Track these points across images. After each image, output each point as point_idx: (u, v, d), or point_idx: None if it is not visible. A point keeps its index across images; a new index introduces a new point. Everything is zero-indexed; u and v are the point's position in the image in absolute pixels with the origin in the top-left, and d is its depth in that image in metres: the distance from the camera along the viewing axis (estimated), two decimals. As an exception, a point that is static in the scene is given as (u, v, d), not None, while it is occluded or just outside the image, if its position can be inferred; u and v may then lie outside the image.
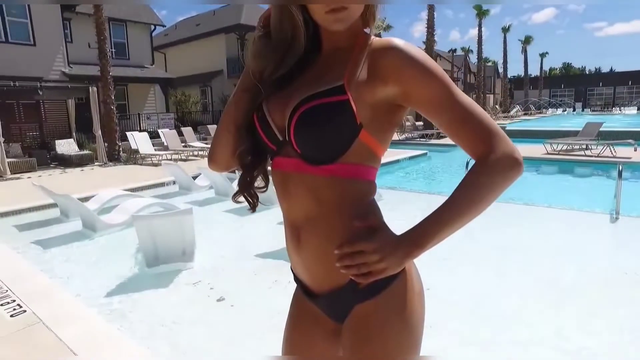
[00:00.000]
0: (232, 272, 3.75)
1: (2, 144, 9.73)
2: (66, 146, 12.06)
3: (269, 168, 0.92)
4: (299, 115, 0.78)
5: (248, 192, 0.93)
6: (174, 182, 7.63)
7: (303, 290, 0.94)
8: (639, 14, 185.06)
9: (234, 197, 0.97)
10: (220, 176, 6.74)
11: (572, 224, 4.96)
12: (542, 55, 45.59)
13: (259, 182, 0.94)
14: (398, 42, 0.78)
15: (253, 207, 0.97)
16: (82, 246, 4.57)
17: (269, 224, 5.09)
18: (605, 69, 74.51)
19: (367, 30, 0.85)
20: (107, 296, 3.24)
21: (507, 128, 17.00)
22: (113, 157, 12.09)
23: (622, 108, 40.10)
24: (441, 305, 2.74)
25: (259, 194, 0.96)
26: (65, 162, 11.34)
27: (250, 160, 0.90)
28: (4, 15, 14.36)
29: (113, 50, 17.21)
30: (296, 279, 0.97)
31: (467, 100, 0.78)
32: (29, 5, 14.71)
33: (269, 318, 2.68)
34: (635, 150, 9.83)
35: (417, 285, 0.86)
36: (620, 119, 24.04)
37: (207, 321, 2.87)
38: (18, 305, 2.82)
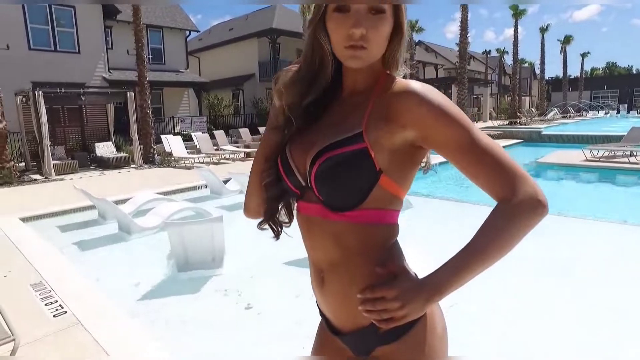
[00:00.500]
0: (259, 280, 3.81)
1: (49, 147, 10.29)
2: (105, 149, 12.61)
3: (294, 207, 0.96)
4: (319, 165, 0.79)
5: (272, 221, 0.96)
6: (206, 186, 7.83)
7: (327, 325, 0.95)
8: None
9: (260, 225, 1.00)
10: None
11: (614, 238, 4.72)
12: (584, 55, 43.76)
13: (283, 217, 0.97)
14: (415, 85, 0.78)
15: (277, 235, 0.99)
16: (118, 248, 4.76)
17: (296, 232, 5.13)
18: (653, 69, 70.50)
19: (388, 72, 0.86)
20: (140, 299, 3.37)
21: (543, 132, 16.42)
22: (148, 160, 12.53)
23: (671, 111, 37.82)
24: (470, 324, 2.68)
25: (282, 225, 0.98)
26: (104, 164, 11.85)
27: (275, 193, 0.92)
28: (53, 26, 15.24)
29: (150, 56, 17.87)
30: (321, 313, 0.98)
31: (488, 141, 0.77)
32: (75, 15, 15.53)
33: (295, 327, 2.70)
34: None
35: (440, 327, 0.85)
36: (668, 123, 22.69)
37: (235, 327, 2.93)
38: (60, 305, 2.98)
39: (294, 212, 0.95)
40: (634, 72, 71.52)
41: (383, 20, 0.78)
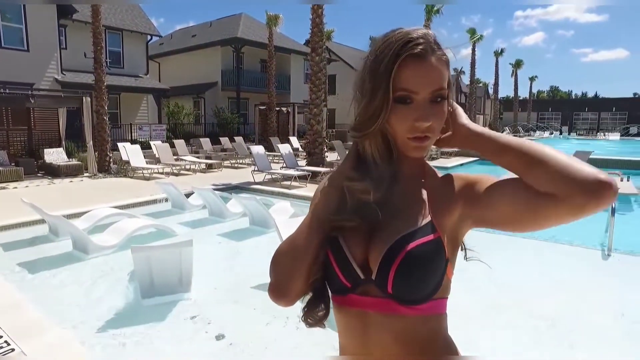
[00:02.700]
0: (229, 305, 3.66)
1: (-11, 152, 9.51)
2: (55, 155, 11.85)
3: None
4: (404, 256, 0.74)
5: (312, 318, 0.86)
6: (167, 200, 7.51)
7: None
8: (622, 43, 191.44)
9: (305, 321, 0.87)
10: (214, 196, 6.66)
11: (563, 259, 4.96)
12: (532, 78, 46.62)
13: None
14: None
15: (312, 326, 0.89)
16: (73, 270, 4.43)
17: (265, 250, 5.02)
18: (590, 94, 76.49)
19: None
20: (99, 330, 3.12)
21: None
22: (103, 169, 11.90)
23: (605, 133, 41.14)
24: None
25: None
26: (54, 171, 11.11)
27: (320, 288, 0.85)
28: (-2, 21, 14.22)
29: (108, 59, 17.13)
30: None
31: None
32: (25, 10, 14.59)
33: (267, 357, 2.60)
34: (622, 180, 10.03)
35: None
36: (604, 145, 24.57)
37: (205, 362, 2.78)
38: (6, 342, 2.69)
39: (331, 307, 0.86)
40: (573, 96, 77.32)
41: (445, 107, 0.77)
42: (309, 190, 8.89)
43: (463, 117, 0.82)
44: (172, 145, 14.22)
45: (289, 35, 27.66)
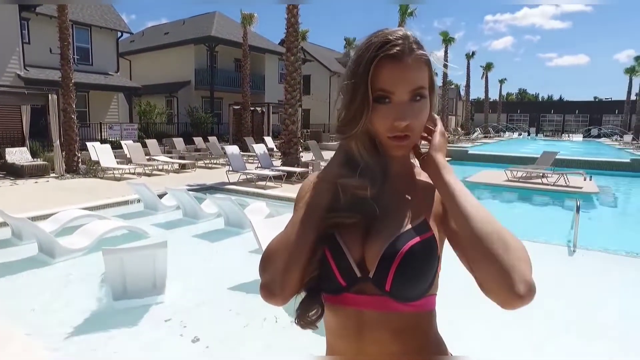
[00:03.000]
0: (205, 307, 3.60)
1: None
2: (18, 155, 11.34)
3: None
4: (404, 254, 0.75)
5: (306, 319, 0.84)
6: (139, 201, 7.33)
7: None
8: (583, 49, 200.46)
9: (299, 323, 0.85)
10: (188, 197, 6.54)
11: (531, 255, 5.13)
12: (501, 81, 48.04)
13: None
14: None
15: (305, 327, 0.87)
16: (39, 275, 4.25)
17: (241, 250, 4.98)
18: (556, 97, 79.54)
19: None
20: (68, 337, 3.01)
21: (470, 152, 17.68)
22: (71, 169, 11.48)
23: (570, 135, 42.94)
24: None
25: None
26: (17, 172, 10.63)
27: (314, 288, 0.83)
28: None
29: (76, 56, 16.55)
30: None
31: None
32: (-17, 3, 13.90)
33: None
34: (585, 180, 10.49)
35: None
36: (569, 146, 25.61)
37: (180, 365, 2.73)
38: (-32, 350, 2.57)
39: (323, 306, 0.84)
40: (540, 99, 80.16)
41: (424, 106, 0.79)
42: (285, 190, 8.87)
43: (436, 147, 0.82)
44: (144, 145, 13.88)
45: (263, 34, 27.52)
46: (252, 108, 20.54)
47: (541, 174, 11.01)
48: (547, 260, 5.00)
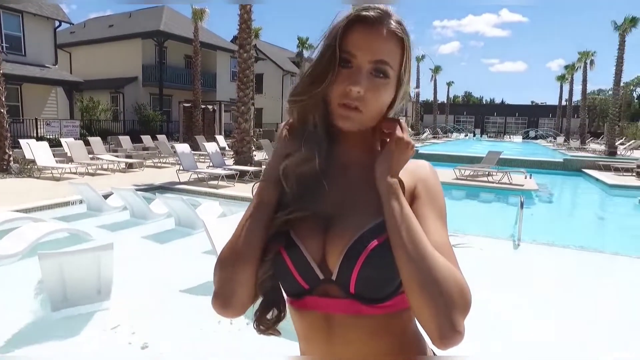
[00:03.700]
0: (155, 312, 3.42)
1: None
2: (-61, 153, 10.26)
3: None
4: (368, 254, 0.69)
5: (265, 324, 0.77)
6: (82, 202, 6.86)
7: None
8: (522, 57, 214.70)
9: (258, 327, 0.78)
10: (136, 197, 6.22)
11: (479, 250, 5.37)
12: (449, 84, 50.20)
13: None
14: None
15: (264, 333, 0.80)
16: (-36, 283, 3.84)
17: (193, 252, 4.80)
18: (497, 100, 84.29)
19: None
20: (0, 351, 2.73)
21: (420, 151, 18.27)
22: (1, 168, 10.54)
23: (511, 136, 45.73)
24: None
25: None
26: (-62, 172, 9.62)
27: (271, 290, 0.75)
28: None
29: (4, 44, 15.28)
30: None
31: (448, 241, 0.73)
32: None
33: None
34: (526, 178, 11.19)
35: None
36: (510, 146, 27.18)
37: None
38: None
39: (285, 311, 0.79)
40: (484, 102, 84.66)
41: (385, 86, 0.72)
42: (238, 189, 8.69)
43: (384, 161, 0.73)
44: (87, 143, 13.06)
45: (215, 31, 26.87)
46: (203, 106, 19.98)
47: (487, 172, 11.63)
48: (494, 253, 5.25)
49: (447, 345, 0.64)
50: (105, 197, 6.79)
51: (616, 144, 22.75)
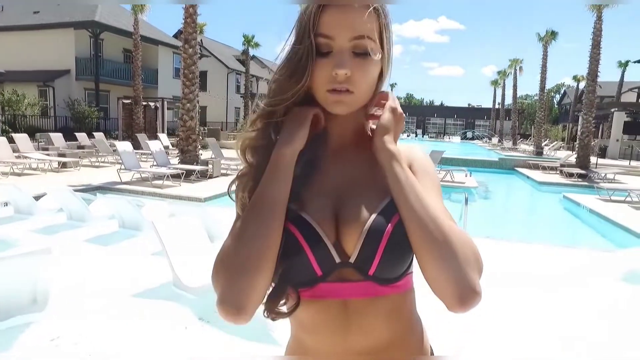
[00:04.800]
0: (100, 319, 3.17)
1: None
2: None
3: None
4: (390, 234, 0.67)
5: (274, 310, 0.71)
6: (7, 204, 6.23)
7: None
8: (459, 62, 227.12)
9: (269, 315, 0.72)
10: (73, 197, 5.77)
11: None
12: (392, 85, 51.27)
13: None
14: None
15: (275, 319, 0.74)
16: None
17: (140, 254, 4.54)
18: (437, 103, 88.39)
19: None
20: None
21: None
22: None
23: (450, 137, 48.23)
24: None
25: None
26: None
27: (282, 276, 0.70)
28: None
29: None
30: None
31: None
32: None
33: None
34: (466, 176, 11.84)
35: None
36: (450, 146, 28.64)
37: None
38: None
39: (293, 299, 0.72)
40: (425, 104, 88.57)
41: (371, 63, 0.70)
42: (184, 189, 8.37)
43: (383, 128, 0.73)
44: (11, 141, 11.92)
45: (157, 26, 25.71)
46: (144, 103, 19.00)
47: (431, 171, 12.12)
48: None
49: (468, 307, 0.64)
50: (37, 198, 6.23)
51: (542, 144, 24.75)
